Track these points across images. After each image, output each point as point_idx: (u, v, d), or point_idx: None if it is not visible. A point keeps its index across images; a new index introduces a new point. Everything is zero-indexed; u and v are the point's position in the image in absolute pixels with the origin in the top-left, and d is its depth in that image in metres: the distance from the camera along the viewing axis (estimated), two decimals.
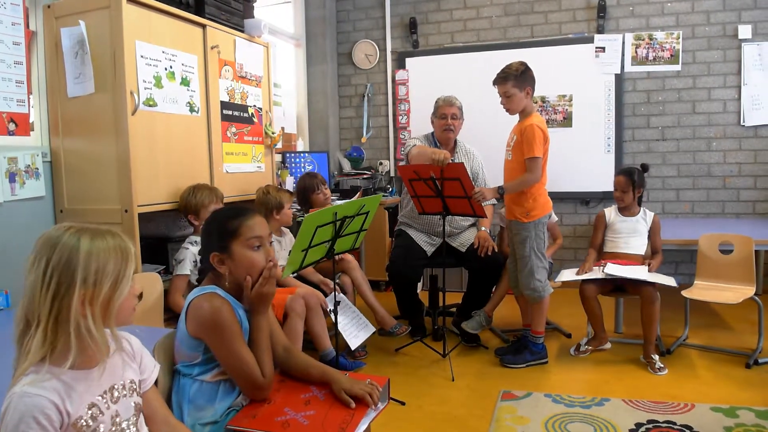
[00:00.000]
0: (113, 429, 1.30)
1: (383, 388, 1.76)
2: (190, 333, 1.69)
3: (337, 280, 3.78)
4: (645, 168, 3.84)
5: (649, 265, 3.57)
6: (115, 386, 1.33)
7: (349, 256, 3.83)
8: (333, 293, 3.08)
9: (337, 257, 3.46)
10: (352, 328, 3.45)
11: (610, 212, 3.89)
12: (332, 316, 3.03)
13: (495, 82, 3.45)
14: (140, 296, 2.47)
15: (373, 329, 3.61)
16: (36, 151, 2.92)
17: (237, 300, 1.79)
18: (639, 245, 3.75)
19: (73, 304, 1.20)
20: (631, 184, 3.71)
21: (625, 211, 3.81)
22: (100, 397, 1.29)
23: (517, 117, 3.50)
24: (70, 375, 1.23)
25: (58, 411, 1.18)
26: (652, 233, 3.76)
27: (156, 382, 1.49)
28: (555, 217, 4.24)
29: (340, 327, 3.17)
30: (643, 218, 3.78)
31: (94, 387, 1.28)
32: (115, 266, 1.25)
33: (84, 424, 1.23)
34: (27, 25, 2.89)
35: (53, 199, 3.05)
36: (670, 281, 3.52)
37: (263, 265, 1.77)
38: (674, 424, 2.68)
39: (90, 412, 1.25)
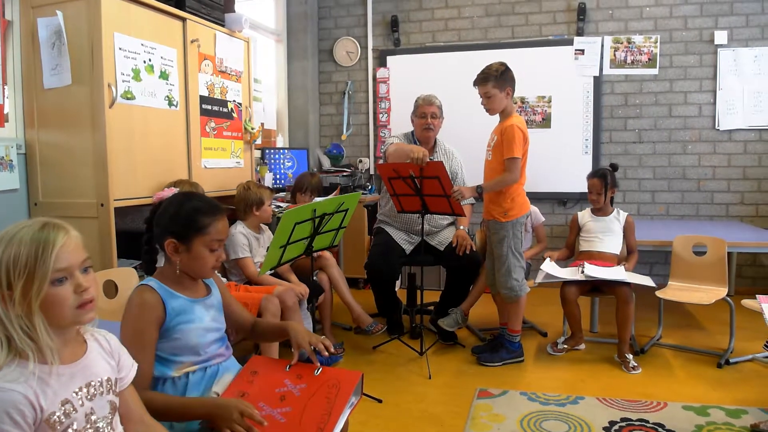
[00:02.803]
0: (87, 426, 1.28)
1: (357, 383, 1.76)
2: None
3: (315, 278, 3.77)
4: (615, 167, 3.91)
5: (625, 266, 3.62)
6: (92, 383, 1.31)
7: (327, 254, 3.82)
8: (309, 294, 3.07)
9: (315, 254, 3.45)
10: None
11: (584, 214, 3.95)
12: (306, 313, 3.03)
13: (475, 83, 3.46)
14: (116, 288, 2.45)
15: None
16: (10, 143, 2.87)
17: (185, 287, 1.78)
18: (613, 245, 3.80)
19: None
20: (604, 186, 3.76)
21: (598, 211, 3.87)
22: (74, 394, 1.26)
23: (497, 117, 3.52)
24: (44, 370, 1.21)
25: (32, 406, 1.17)
26: (627, 233, 3.82)
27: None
28: (542, 218, 4.29)
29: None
30: (617, 218, 3.83)
31: (68, 383, 1.26)
32: (28, 259, 1.19)
33: (57, 420, 1.21)
34: (3, 15, 2.84)
35: (27, 192, 3.00)
36: (647, 281, 3.56)
37: (212, 265, 1.77)
38: (647, 422, 2.72)
39: (63, 408, 1.23)
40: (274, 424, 1.58)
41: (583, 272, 3.52)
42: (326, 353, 1.80)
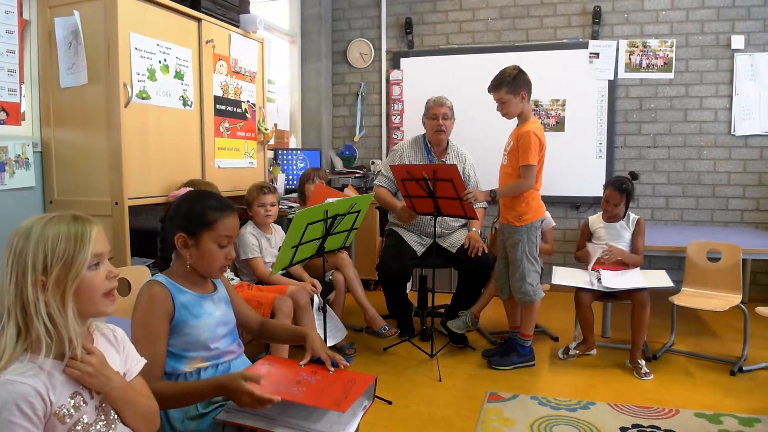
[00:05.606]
0: (98, 419, 1.29)
1: (369, 386, 1.77)
2: None
3: (330, 277, 3.77)
4: (634, 176, 3.84)
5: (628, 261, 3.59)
6: None
7: (343, 253, 3.82)
8: (320, 291, 3.07)
9: (331, 253, 3.44)
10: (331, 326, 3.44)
11: (594, 220, 3.90)
12: (318, 312, 3.03)
13: (489, 89, 3.44)
14: (129, 286, 2.47)
15: (345, 334, 3.60)
16: (27, 141, 2.90)
17: (193, 284, 1.80)
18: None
19: (29, 291, 1.21)
20: (626, 201, 3.71)
21: (609, 217, 3.82)
22: (83, 387, 1.28)
23: (514, 120, 3.50)
24: (53, 364, 1.23)
25: (42, 399, 1.18)
26: (635, 234, 3.76)
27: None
28: (552, 223, 4.24)
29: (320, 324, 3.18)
30: (627, 223, 3.78)
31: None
32: (66, 250, 1.24)
33: (66, 413, 1.22)
34: (20, 14, 2.86)
35: (43, 189, 3.03)
36: (664, 280, 3.52)
37: (221, 264, 1.79)
38: (659, 428, 2.70)
39: (72, 401, 1.24)
40: (291, 396, 1.58)
41: (600, 282, 3.50)
42: (344, 363, 1.81)
